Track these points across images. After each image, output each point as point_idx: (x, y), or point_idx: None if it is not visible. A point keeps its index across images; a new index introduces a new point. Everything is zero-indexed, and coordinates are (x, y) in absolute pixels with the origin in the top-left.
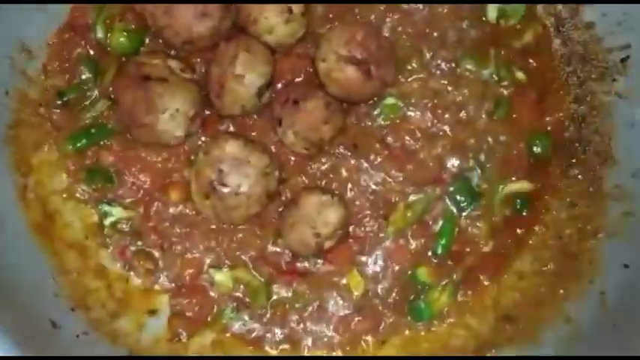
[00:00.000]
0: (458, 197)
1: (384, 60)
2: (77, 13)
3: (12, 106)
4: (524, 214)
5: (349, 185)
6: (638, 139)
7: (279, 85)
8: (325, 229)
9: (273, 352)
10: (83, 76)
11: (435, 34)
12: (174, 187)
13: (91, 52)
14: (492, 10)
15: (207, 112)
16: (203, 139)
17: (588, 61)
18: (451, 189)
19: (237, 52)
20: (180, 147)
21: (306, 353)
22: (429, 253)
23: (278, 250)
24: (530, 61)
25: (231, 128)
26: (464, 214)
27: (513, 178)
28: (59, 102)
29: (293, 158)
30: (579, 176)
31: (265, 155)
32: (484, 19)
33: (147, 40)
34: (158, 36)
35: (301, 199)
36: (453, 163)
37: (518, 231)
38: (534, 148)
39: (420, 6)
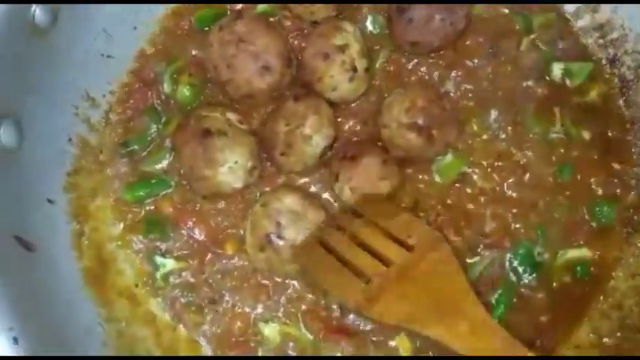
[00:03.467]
0: (517, 265)
1: (447, 122)
2: (141, 62)
3: (73, 153)
4: (585, 281)
5: None
6: None
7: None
8: None
9: None
10: (146, 127)
11: (500, 93)
12: (229, 239)
13: (157, 103)
14: (557, 69)
15: (265, 165)
16: (259, 193)
17: None
18: (511, 255)
19: (307, 114)
20: (237, 198)
21: None
22: None
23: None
24: (595, 121)
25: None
26: (522, 282)
27: (574, 244)
28: (122, 151)
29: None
30: None
31: (322, 211)
32: (547, 78)
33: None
34: (218, 88)
35: None
36: (515, 228)
37: (577, 300)
38: (597, 215)
39: (485, 63)
